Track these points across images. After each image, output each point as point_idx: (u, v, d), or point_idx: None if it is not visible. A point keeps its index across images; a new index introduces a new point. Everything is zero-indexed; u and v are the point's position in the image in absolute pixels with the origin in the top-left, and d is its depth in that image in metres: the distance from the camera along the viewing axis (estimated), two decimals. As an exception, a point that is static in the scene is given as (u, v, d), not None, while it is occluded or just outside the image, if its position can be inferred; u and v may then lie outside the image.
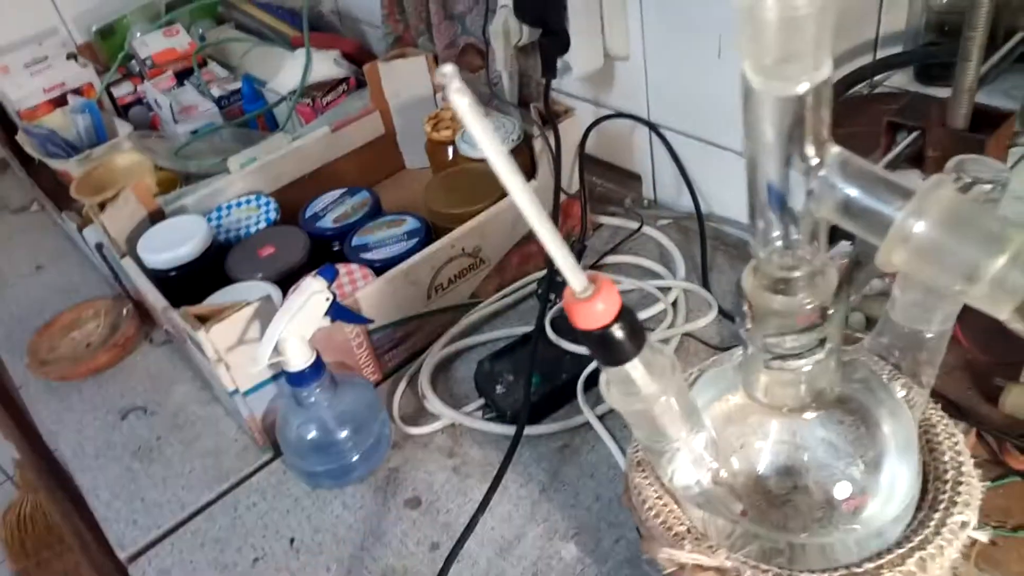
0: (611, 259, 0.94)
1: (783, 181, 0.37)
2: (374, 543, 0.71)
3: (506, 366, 0.80)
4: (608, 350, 0.36)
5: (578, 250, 0.93)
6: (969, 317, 0.45)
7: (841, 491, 0.45)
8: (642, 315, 0.84)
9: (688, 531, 0.44)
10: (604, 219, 1.00)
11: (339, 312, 0.75)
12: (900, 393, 0.46)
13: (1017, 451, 0.64)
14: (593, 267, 0.93)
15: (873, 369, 0.47)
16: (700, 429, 0.42)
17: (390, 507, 0.74)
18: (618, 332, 0.35)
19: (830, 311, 0.39)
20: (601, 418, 0.76)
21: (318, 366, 0.73)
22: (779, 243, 0.41)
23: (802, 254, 0.41)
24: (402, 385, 0.83)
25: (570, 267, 0.35)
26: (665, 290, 0.87)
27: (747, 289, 0.41)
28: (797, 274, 0.40)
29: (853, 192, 0.36)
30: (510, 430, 0.74)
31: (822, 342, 0.40)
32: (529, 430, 0.75)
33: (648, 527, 0.45)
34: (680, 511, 0.45)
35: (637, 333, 0.36)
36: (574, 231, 0.96)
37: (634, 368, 0.37)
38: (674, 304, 0.86)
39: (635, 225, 0.97)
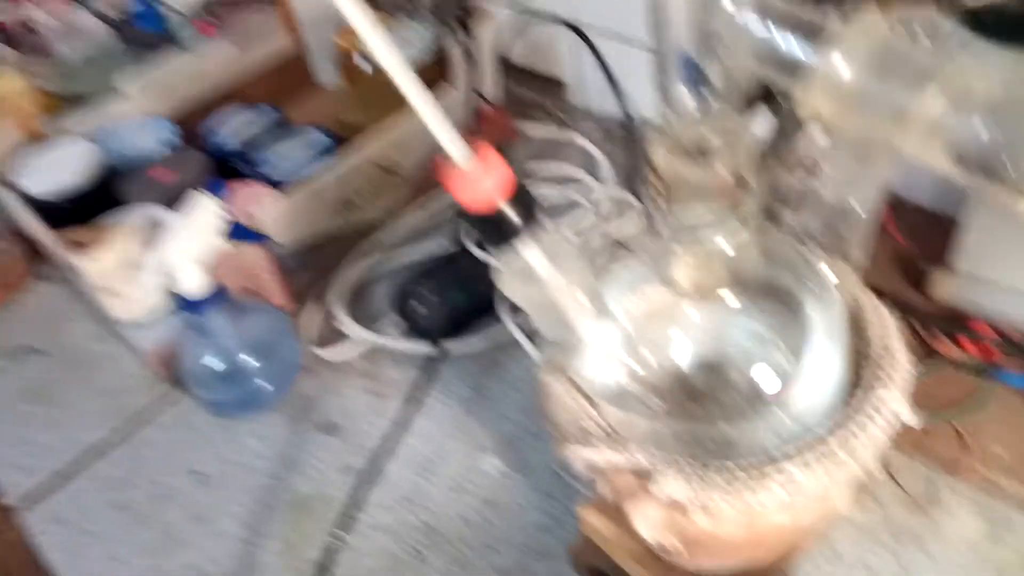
0: (537, 168, 0.89)
1: (694, 28, 0.33)
2: (287, 472, 0.67)
3: (425, 284, 0.75)
4: (499, 228, 0.31)
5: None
6: (897, 207, 0.42)
7: (766, 378, 0.41)
8: (572, 223, 0.80)
9: (603, 431, 0.40)
10: (528, 127, 0.95)
11: (240, 232, 0.69)
12: (826, 274, 0.43)
13: (946, 338, 0.62)
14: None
15: (798, 250, 0.43)
16: (612, 322, 0.38)
17: (304, 434, 0.70)
18: (508, 209, 0.31)
19: (748, 181, 0.35)
20: (526, 332, 0.72)
21: (217, 291, 0.67)
22: (691, 107, 0.36)
23: (716, 118, 0.36)
24: (315, 306, 0.78)
25: (449, 137, 0.30)
26: (592, 197, 0.83)
27: (657, 160, 0.37)
28: (711, 140, 0.36)
29: (770, 34, 0.32)
30: (430, 349, 0.70)
31: (741, 216, 0.36)
32: (451, 346, 0.71)
33: (560, 428, 0.41)
34: (595, 412, 0.42)
35: (531, 211, 0.32)
36: (500, 141, 0.90)
37: (529, 250, 0.32)
38: (602, 212, 0.82)
39: (560, 133, 0.92)
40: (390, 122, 0.80)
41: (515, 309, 0.73)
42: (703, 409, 0.45)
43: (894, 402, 0.39)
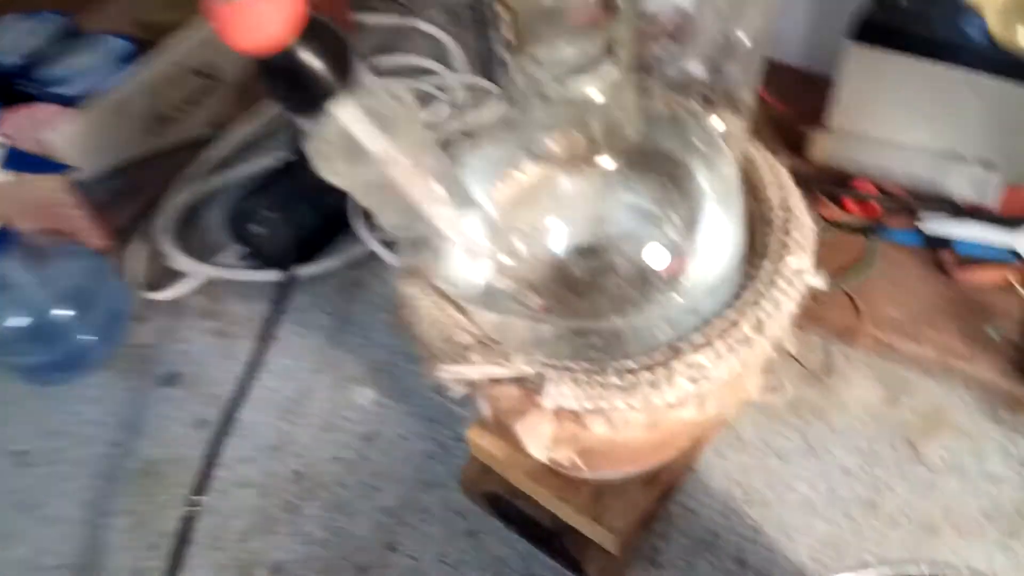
0: (383, 60, 0.80)
1: None
2: (129, 436, 0.58)
3: (264, 202, 0.65)
4: (297, 82, 0.23)
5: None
6: (767, 69, 0.36)
7: (655, 258, 0.36)
8: (427, 116, 0.72)
9: (477, 342, 0.34)
10: (366, 17, 0.84)
11: (21, 161, 0.57)
12: (715, 131, 0.37)
13: (830, 201, 0.59)
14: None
15: (680, 104, 0.37)
16: (470, 207, 0.31)
17: (143, 390, 0.60)
18: (305, 53, 0.22)
19: (618, 4, 0.28)
20: (387, 244, 0.65)
21: (5, 234, 0.56)
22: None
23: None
24: (138, 244, 0.68)
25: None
26: (445, 87, 0.74)
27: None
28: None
29: None
30: (278, 275, 0.61)
31: (610, 52, 0.29)
32: (302, 271, 0.63)
33: (427, 344, 0.35)
34: (466, 320, 0.35)
35: (341, 58, 0.24)
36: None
37: (346, 112, 0.25)
38: (457, 101, 0.74)
39: (402, 20, 0.82)
40: (201, 19, 0.68)
41: (372, 219, 0.65)
42: (587, 302, 0.39)
43: (805, 270, 0.34)
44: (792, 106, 0.66)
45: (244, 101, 0.74)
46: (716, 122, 0.37)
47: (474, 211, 0.31)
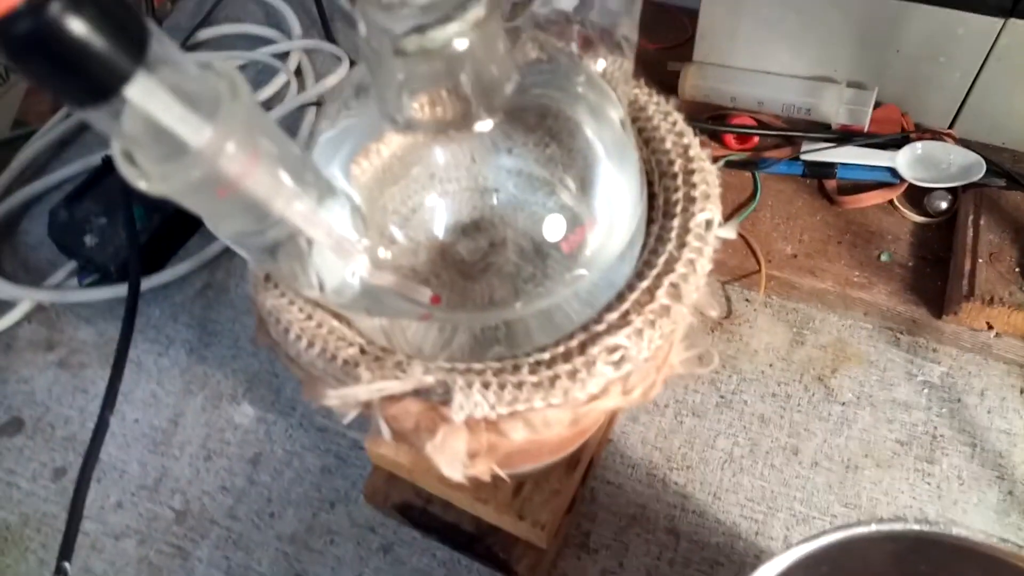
0: (206, 33, 0.71)
1: None
2: (-31, 500, 0.50)
3: (93, 207, 0.57)
4: (68, 64, 0.17)
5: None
6: None
7: (552, 229, 0.32)
8: (264, 92, 0.64)
9: (362, 351, 0.29)
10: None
11: None
12: (598, 77, 0.33)
13: (709, 138, 0.57)
14: (185, 46, 0.69)
15: (556, 45, 0.33)
16: (330, 196, 0.26)
17: (-21, 444, 0.52)
18: (69, 18, 0.17)
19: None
20: (243, 239, 0.58)
21: None
22: None
23: None
24: (-52, 276, 0.58)
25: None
26: (283, 56, 0.67)
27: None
28: None
29: None
30: (122, 289, 0.54)
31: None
32: (148, 281, 0.55)
33: (304, 364, 0.30)
34: (344, 328, 0.30)
35: (128, 25, 0.18)
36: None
37: (149, 96, 0.19)
38: (297, 70, 0.67)
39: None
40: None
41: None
42: (482, 285, 0.34)
43: (715, 222, 0.31)
44: (658, 43, 0.64)
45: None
46: (597, 65, 0.33)
47: (335, 200, 0.26)
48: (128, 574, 0.47)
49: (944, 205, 0.52)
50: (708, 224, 0.31)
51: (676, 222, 0.31)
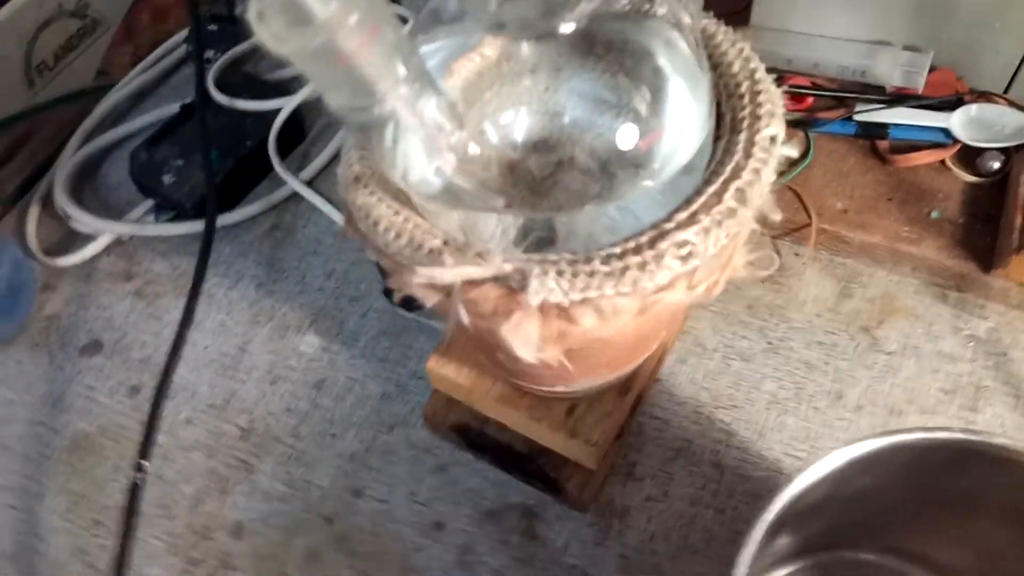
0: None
1: None
2: (53, 412, 0.53)
3: (171, 150, 0.60)
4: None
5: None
6: None
7: (622, 138, 0.34)
8: None
9: (445, 243, 0.31)
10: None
11: None
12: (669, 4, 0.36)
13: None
14: None
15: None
16: (430, 89, 0.28)
17: (64, 363, 0.55)
18: None
19: None
20: (310, 183, 0.61)
21: None
22: None
23: None
24: (34, 209, 0.61)
25: None
26: None
27: None
28: None
29: None
30: (198, 225, 0.57)
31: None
32: (221, 220, 0.58)
33: (391, 255, 0.32)
34: (427, 224, 0.32)
35: None
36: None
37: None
38: None
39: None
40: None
41: (291, 158, 0.62)
42: (549, 201, 0.37)
43: (779, 137, 0.33)
44: (717, 9, 0.65)
45: (133, 48, 0.68)
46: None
47: (435, 94, 0.28)
48: (197, 482, 0.49)
49: (996, 165, 0.53)
50: (773, 139, 0.33)
51: (743, 136, 0.33)
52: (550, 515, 0.46)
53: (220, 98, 0.61)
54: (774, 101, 0.34)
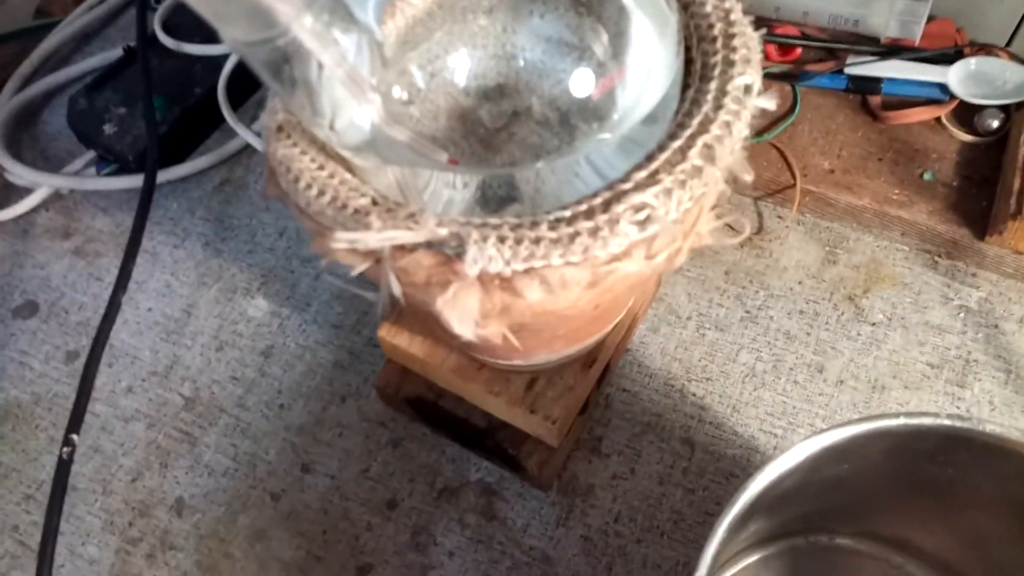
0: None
1: None
2: (-17, 379, 0.50)
3: (113, 97, 0.56)
4: None
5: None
6: None
7: (578, 85, 0.30)
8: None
9: (374, 202, 0.28)
10: None
11: None
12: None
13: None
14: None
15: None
16: (345, 20, 0.24)
17: (-6, 326, 0.52)
18: None
19: None
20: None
21: None
22: None
23: None
24: (-33, 160, 0.57)
25: None
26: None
27: None
28: None
29: None
30: (140, 180, 0.53)
31: None
32: (167, 174, 0.54)
33: (313, 214, 0.28)
34: (357, 180, 0.29)
35: None
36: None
37: None
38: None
39: None
40: None
41: (244, 108, 0.57)
42: (502, 156, 0.33)
43: (754, 87, 0.29)
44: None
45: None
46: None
47: (352, 28, 0.25)
48: (136, 455, 0.46)
49: (996, 124, 0.49)
50: (747, 89, 0.29)
51: (713, 85, 0.29)
52: (510, 493, 0.44)
53: (166, 40, 0.57)
54: (750, 46, 0.30)
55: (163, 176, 0.54)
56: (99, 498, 0.45)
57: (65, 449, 0.43)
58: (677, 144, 0.28)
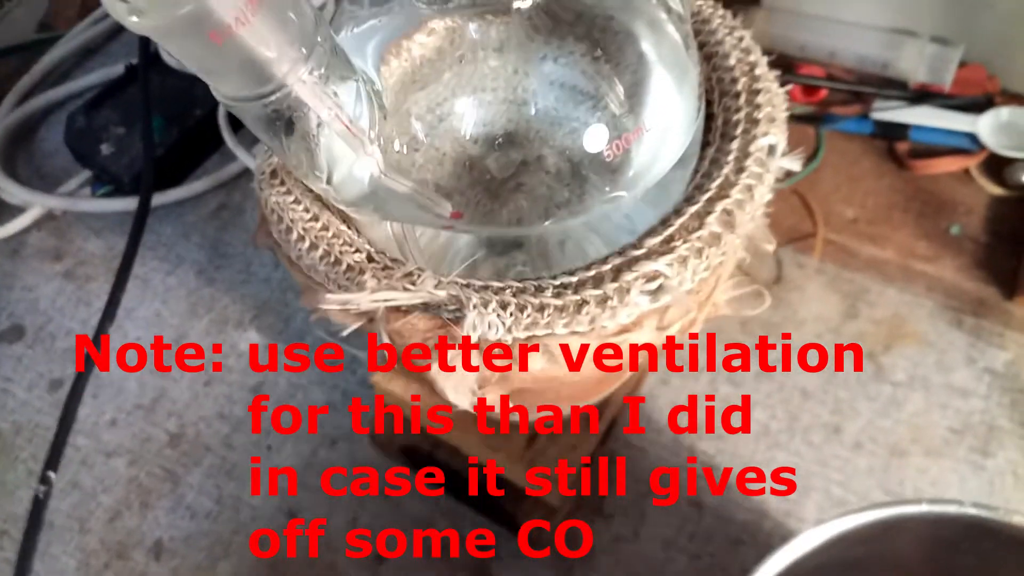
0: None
1: None
2: (-38, 406, 0.48)
3: (111, 116, 0.54)
4: None
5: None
6: None
7: (593, 140, 0.28)
8: None
9: (369, 259, 0.26)
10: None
11: None
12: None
13: (771, 91, 0.52)
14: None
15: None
16: (343, 71, 0.23)
17: (-23, 349, 0.50)
18: None
19: None
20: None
21: None
22: None
23: None
24: (-40, 175, 0.56)
25: None
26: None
27: None
28: None
29: None
30: (135, 202, 0.51)
31: None
32: (162, 197, 0.53)
33: (304, 268, 0.26)
34: (353, 234, 0.27)
35: None
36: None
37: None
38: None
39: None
40: None
41: (244, 131, 0.56)
42: (509, 208, 0.31)
43: (772, 139, 0.27)
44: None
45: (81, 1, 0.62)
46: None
47: (351, 79, 0.23)
48: (117, 492, 0.44)
49: (1027, 177, 0.47)
50: (771, 149, 0.27)
51: (735, 144, 0.27)
52: (505, 552, 0.41)
53: (169, 59, 0.55)
54: (775, 103, 0.28)
55: (158, 199, 0.52)
56: (75, 536, 0.43)
57: (41, 487, 0.41)
58: (694, 208, 0.26)
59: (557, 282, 0.25)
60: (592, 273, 0.25)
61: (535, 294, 0.24)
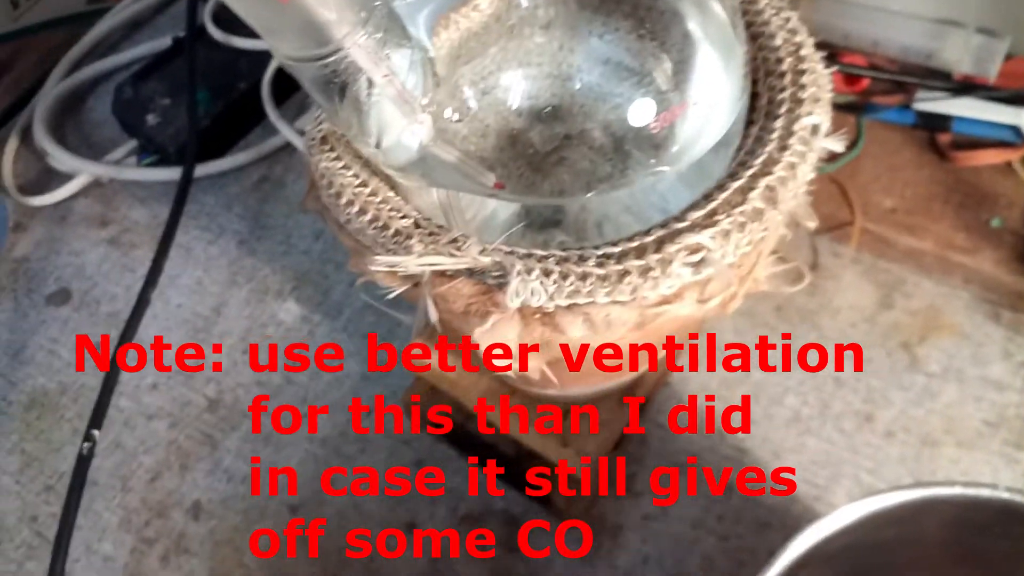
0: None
1: None
2: (12, 364, 0.50)
3: (158, 87, 0.55)
4: None
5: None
6: None
7: (641, 112, 0.28)
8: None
9: (416, 225, 0.26)
10: None
11: None
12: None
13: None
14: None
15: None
16: (399, 38, 0.23)
17: (26, 311, 0.51)
18: None
19: None
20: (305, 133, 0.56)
21: None
22: None
23: None
24: (11, 143, 0.57)
25: None
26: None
27: None
28: None
29: None
30: (179, 172, 0.52)
31: None
32: (205, 168, 0.54)
33: (353, 232, 0.27)
34: (400, 200, 0.27)
35: None
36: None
37: None
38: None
39: None
40: None
41: (287, 105, 0.57)
42: (551, 181, 0.31)
43: (822, 128, 0.27)
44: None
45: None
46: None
47: (406, 46, 0.23)
48: (157, 454, 0.46)
49: (1072, 171, 0.46)
50: (815, 129, 0.27)
51: (779, 123, 0.28)
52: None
53: (215, 33, 0.56)
54: (820, 84, 0.28)
55: (201, 170, 0.53)
56: (118, 495, 0.45)
57: (85, 444, 0.43)
58: (738, 184, 0.26)
59: (600, 252, 0.25)
60: (635, 244, 0.25)
61: (578, 263, 0.25)
